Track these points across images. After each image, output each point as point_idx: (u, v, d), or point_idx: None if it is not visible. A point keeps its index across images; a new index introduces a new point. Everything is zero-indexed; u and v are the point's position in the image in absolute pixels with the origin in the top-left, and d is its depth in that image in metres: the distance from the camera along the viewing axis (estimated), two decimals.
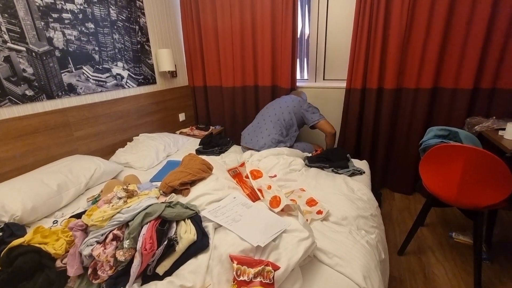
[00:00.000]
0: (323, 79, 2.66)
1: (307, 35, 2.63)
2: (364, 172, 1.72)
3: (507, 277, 1.51)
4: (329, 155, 1.83)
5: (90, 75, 2.01)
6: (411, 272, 1.59)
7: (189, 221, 1.10)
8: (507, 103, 1.88)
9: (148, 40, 2.47)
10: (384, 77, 2.18)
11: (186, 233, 1.03)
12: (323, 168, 1.77)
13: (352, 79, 2.27)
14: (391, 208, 2.23)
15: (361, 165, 1.83)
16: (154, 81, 2.59)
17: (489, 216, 1.70)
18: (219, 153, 2.17)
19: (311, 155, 1.96)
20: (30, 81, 1.66)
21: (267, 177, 1.44)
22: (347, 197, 1.39)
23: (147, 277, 0.96)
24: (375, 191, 1.63)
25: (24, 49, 1.62)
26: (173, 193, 1.33)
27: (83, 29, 1.93)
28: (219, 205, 1.23)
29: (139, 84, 2.44)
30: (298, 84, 2.65)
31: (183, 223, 1.09)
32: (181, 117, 3.00)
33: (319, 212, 1.26)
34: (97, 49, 2.04)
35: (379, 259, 1.10)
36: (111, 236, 0.99)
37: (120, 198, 1.12)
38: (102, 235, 1.00)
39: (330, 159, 1.80)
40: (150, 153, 2.07)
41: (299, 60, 2.64)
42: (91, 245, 0.97)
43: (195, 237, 1.02)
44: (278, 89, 2.59)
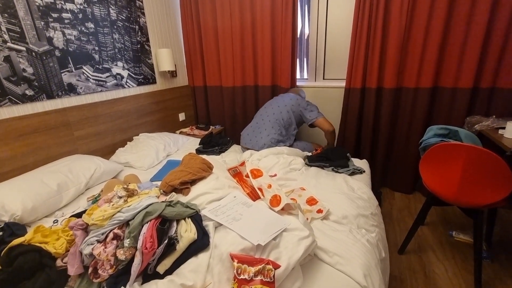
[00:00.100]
0: (323, 78, 2.66)
1: (307, 35, 2.63)
2: (364, 171, 1.72)
3: (507, 276, 1.51)
4: (329, 154, 1.83)
5: (90, 74, 2.01)
6: (411, 271, 1.59)
7: (190, 220, 1.10)
8: (506, 102, 1.88)
9: (148, 40, 2.47)
10: (383, 76, 2.18)
11: (186, 232, 1.03)
12: (323, 167, 1.77)
13: (351, 78, 2.27)
14: (391, 207, 2.23)
15: (361, 164, 1.83)
16: (154, 81, 2.59)
17: (489, 214, 1.70)
18: (219, 153, 2.17)
19: (311, 154, 1.96)
20: (30, 80, 1.66)
21: (267, 176, 1.43)
22: (347, 196, 1.39)
23: (148, 276, 0.96)
24: (375, 190, 1.63)
25: (24, 49, 1.62)
26: (174, 192, 1.33)
27: (83, 29, 1.93)
28: (220, 204, 1.23)
29: (139, 84, 2.44)
30: (298, 83, 2.66)
31: (183, 222, 1.09)
32: (181, 116, 3.00)
33: (319, 211, 1.26)
34: (97, 49, 2.04)
35: (379, 258, 1.10)
36: (111, 235, 0.99)
37: (120, 197, 1.12)
38: (102, 234, 1.00)
39: (330, 158, 1.81)
40: (150, 152, 2.07)
41: (299, 59, 2.65)
42: (92, 244, 0.97)
43: (196, 236, 1.02)
44: (278, 88, 2.59)
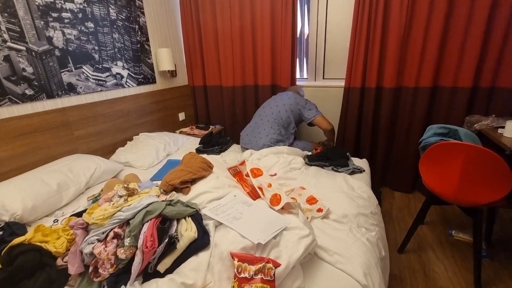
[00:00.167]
0: (323, 78, 2.66)
1: (307, 35, 2.63)
2: (364, 170, 1.72)
3: (506, 275, 1.52)
4: (329, 154, 1.84)
5: (90, 74, 2.01)
6: (411, 270, 1.59)
7: (190, 219, 1.10)
8: (506, 102, 1.89)
9: (147, 39, 2.47)
10: (383, 75, 2.19)
11: (187, 231, 1.03)
12: (323, 166, 1.77)
13: (351, 77, 2.27)
14: (391, 206, 2.23)
15: (361, 163, 1.83)
16: (154, 81, 2.59)
17: (489, 213, 1.71)
18: (219, 152, 2.17)
19: (311, 153, 1.96)
20: (30, 80, 1.66)
21: (268, 175, 1.43)
22: (347, 195, 1.40)
23: (148, 274, 0.96)
24: (375, 190, 1.63)
25: (23, 48, 1.62)
26: (174, 192, 1.33)
27: (83, 28, 1.93)
28: (220, 203, 1.23)
29: (139, 83, 2.44)
30: (298, 83, 2.66)
31: (183, 221, 1.09)
32: (181, 116, 3.00)
33: (319, 210, 1.26)
34: (96, 48, 2.04)
35: (379, 257, 1.10)
36: (112, 234, 0.99)
37: (120, 196, 1.12)
38: (103, 233, 1.00)
39: (330, 157, 1.81)
40: (150, 152, 2.07)
41: (298, 59, 2.65)
42: (92, 243, 0.97)
43: (196, 235, 1.02)
44: (278, 88, 2.59)
